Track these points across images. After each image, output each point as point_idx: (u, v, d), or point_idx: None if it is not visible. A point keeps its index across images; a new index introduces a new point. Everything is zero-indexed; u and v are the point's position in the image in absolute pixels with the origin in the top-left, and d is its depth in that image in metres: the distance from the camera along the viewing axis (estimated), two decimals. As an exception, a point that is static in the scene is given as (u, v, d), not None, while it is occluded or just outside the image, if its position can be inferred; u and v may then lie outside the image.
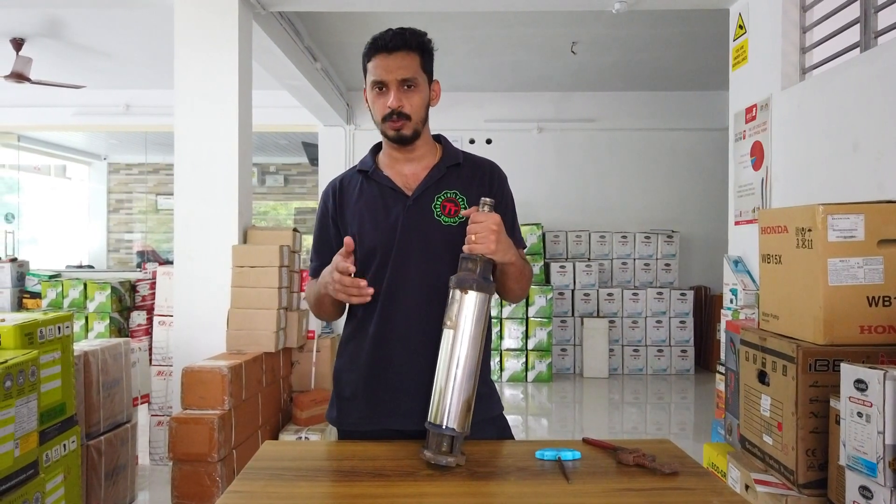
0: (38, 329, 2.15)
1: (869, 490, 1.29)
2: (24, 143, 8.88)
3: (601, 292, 6.73)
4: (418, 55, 1.45)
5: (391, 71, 1.42)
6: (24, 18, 4.99)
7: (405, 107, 1.43)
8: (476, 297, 1.23)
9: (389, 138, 1.48)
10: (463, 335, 1.23)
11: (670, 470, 1.19)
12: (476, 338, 1.23)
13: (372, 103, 1.47)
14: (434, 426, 1.22)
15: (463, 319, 1.23)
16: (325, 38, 5.40)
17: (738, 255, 3.51)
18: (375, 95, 1.45)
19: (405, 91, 1.44)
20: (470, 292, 1.23)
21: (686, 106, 7.08)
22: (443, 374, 1.23)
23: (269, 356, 3.43)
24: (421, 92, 1.46)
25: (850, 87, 2.66)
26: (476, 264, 1.26)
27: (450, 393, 1.21)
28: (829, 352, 1.49)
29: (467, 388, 1.22)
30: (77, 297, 5.57)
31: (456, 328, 1.23)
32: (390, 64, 1.42)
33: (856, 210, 1.51)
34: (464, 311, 1.23)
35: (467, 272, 1.26)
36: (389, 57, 1.42)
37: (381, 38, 1.43)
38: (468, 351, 1.23)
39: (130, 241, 10.81)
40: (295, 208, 11.21)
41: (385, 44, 1.42)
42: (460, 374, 1.22)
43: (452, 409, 1.21)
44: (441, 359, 1.24)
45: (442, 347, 1.25)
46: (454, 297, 1.24)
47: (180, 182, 3.59)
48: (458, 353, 1.22)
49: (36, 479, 1.99)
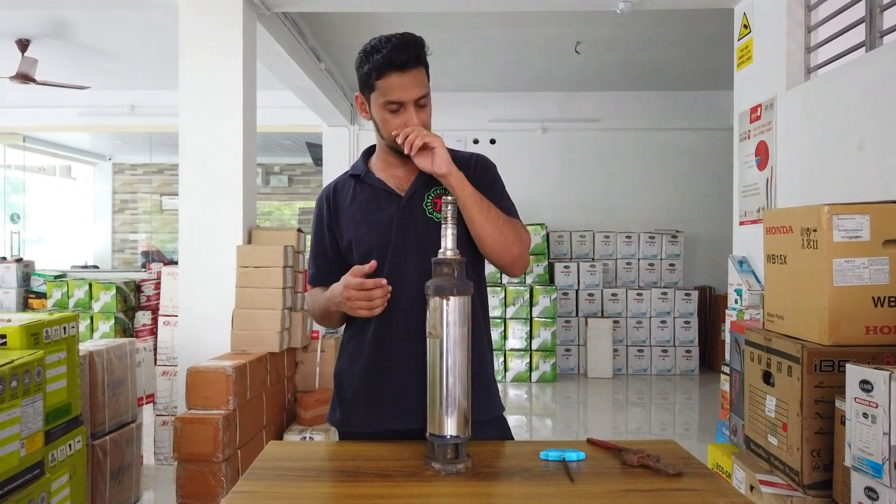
0: (44, 329, 2.16)
1: (874, 491, 1.29)
2: (30, 144, 8.92)
3: (605, 292, 6.72)
4: (424, 67, 1.43)
5: (407, 91, 1.39)
6: (29, 19, 5.01)
7: (422, 125, 1.42)
8: (456, 302, 1.21)
9: (402, 153, 1.45)
10: (448, 342, 1.21)
11: (675, 471, 1.19)
12: (461, 340, 1.22)
13: (383, 121, 1.44)
14: (437, 437, 1.21)
15: (445, 326, 1.21)
16: (329, 38, 5.41)
17: (743, 256, 3.51)
18: (389, 114, 1.42)
19: (420, 109, 1.42)
20: (451, 298, 1.21)
21: (690, 106, 7.07)
22: (436, 385, 1.21)
23: (274, 356, 3.44)
24: (429, 105, 1.45)
25: (856, 86, 2.66)
26: (451, 267, 1.23)
27: (446, 402, 1.20)
28: (835, 352, 1.49)
29: (462, 393, 1.21)
30: (82, 297, 5.58)
31: (441, 337, 1.21)
32: (406, 82, 1.38)
33: (861, 210, 1.51)
34: (446, 317, 1.21)
35: (444, 277, 1.23)
36: (404, 76, 1.38)
37: (395, 55, 1.36)
38: (456, 357, 1.21)
39: (135, 242, 10.84)
40: (299, 208, 11.23)
41: (400, 63, 1.36)
42: (452, 382, 1.20)
43: (451, 418, 1.20)
44: (431, 370, 1.22)
45: (429, 359, 1.23)
46: (434, 305, 1.21)
47: (185, 182, 3.60)
48: (446, 362, 1.21)
49: (41, 478, 2.00)
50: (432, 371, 1.22)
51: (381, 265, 1.46)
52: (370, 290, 1.35)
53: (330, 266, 1.57)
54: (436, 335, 1.21)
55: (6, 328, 2.04)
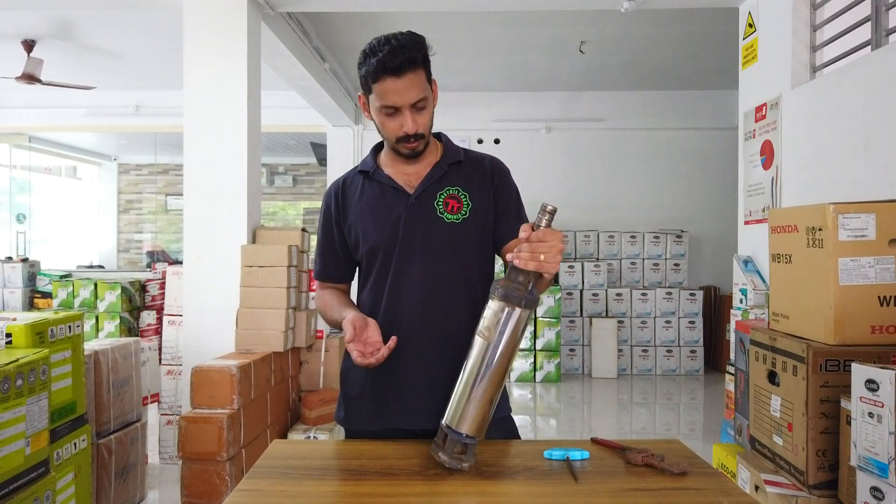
0: (49, 328, 2.17)
1: (880, 491, 1.28)
2: (35, 144, 8.95)
3: (610, 292, 6.71)
4: (423, 68, 1.38)
5: (403, 95, 1.35)
6: (35, 20, 5.03)
7: (420, 127, 1.40)
8: (520, 314, 1.18)
9: (403, 155, 1.45)
10: (497, 348, 1.18)
11: (679, 470, 1.18)
12: (509, 353, 1.19)
13: (381, 124, 1.42)
14: (452, 430, 1.20)
15: (500, 333, 1.18)
16: (333, 38, 5.41)
17: (748, 255, 3.50)
18: (386, 117, 1.40)
19: (417, 112, 1.39)
20: (517, 309, 1.17)
21: (695, 105, 7.05)
22: (468, 382, 1.20)
23: (278, 356, 3.44)
24: (430, 106, 1.42)
25: (861, 85, 2.64)
26: (528, 278, 1.17)
27: (473, 402, 1.19)
28: (840, 352, 1.48)
29: (490, 399, 1.20)
30: (88, 296, 5.60)
31: (491, 340, 1.18)
32: (401, 87, 1.35)
33: (867, 209, 1.50)
34: (505, 325, 1.18)
35: (517, 285, 1.18)
36: (399, 80, 1.34)
37: (389, 59, 1.33)
38: (499, 365, 1.19)
39: (140, 242, 10.87)
40: (304, 208, 11.24)
41: (394, 67, 1.33)
42: (486, 385, 1.19)
43: (472, 418, 1.19)
44: (469, 365, 1.20)
45: (472, 354, 1.20)
46: (497, 308, 1.18)
47: (190, 182, 3.60)
48: (488, 365, 1.19)
49: (46, 477, 2.01)
50: (470, 368, 1.20)
51: (387, 263, 1.46)
52: (369, 352, 1.33)
53: (337, 262, 1.57)
54: (486, 337, 1.19)
55: (11, 327, 2.05)
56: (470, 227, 1.45)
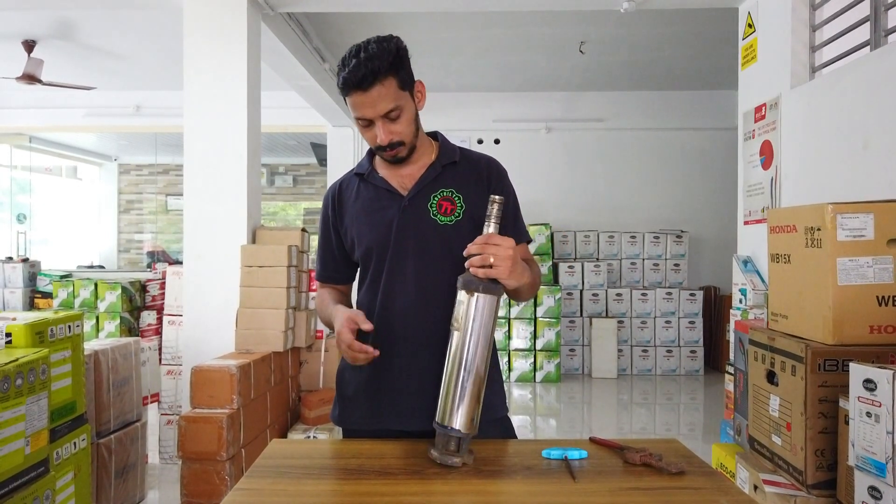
0: (49, 328, 2.17)
1: (878, 490, 1.28)
2: (36, 145, 8.96)
3: (610, 292, 6.71)
4: (394, 77, 1.35)
5: (371, 107, 1.35)
6: (35, 20, 5.04)
7: (395, 136, 1.40)
8: (483, 300, 1.22)
9: (387, 160, 1.47)
10: (469, 337, 1.22)
11: (677, 469, 1.19)
12: (483, 340, 1.22)
13: (361, 133, 1.44)
14: (441, 427, 1.22)
15: (469, 321, 1.22)
16: (333, 38, 5.42)
17: (748, 255, 3.50)
18: (362, 128, 1.41)
19: (391, 122, 1.38)
20: (476, 295, 1.22)
21: (695, 105, 7.05)
22: (450, 376, 1.23)
23: (278, 356, 3.44)
24: (407, 112, 1.40)
25: (861, 85, 2.65)
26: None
27: (457, 395, 1.21)
28: (839, 352, 1.48)
29: (474, 390, 1.22)
30: (88, 297, 5.61)
31: (462, 330, 1.22)
32: (366, 101, 1.34)
33: (865, 209, 1.50)
34: (470, 313, 1.22)
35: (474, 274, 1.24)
36: (365, 94, 1.34)
37: (352, 75, 1.32)
38: (474, 353, 1.22)
39: (140, 242, 10.88)
40: (304, 208, 11.24)
41: (357, 82, 1.32)
42: (466, 376, 1.22)
43: (459, 411, 1.21)
44: (448, 360, 1.24)
45: (449, 349, 1.24)
46: (462, 298, 1.23)
47: (190, 182, 3.61)
48: (464, 356, 1.22)
49: (46, 476, 2.01)
50: (450, 362, 1.23)
51: (380, 265, 1.46)
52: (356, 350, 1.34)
53: (337, 264, 1.59)
54: (458, 328, 1.23)
55: (11, 326, 2.05)
56: (463, 229, 1.44)
